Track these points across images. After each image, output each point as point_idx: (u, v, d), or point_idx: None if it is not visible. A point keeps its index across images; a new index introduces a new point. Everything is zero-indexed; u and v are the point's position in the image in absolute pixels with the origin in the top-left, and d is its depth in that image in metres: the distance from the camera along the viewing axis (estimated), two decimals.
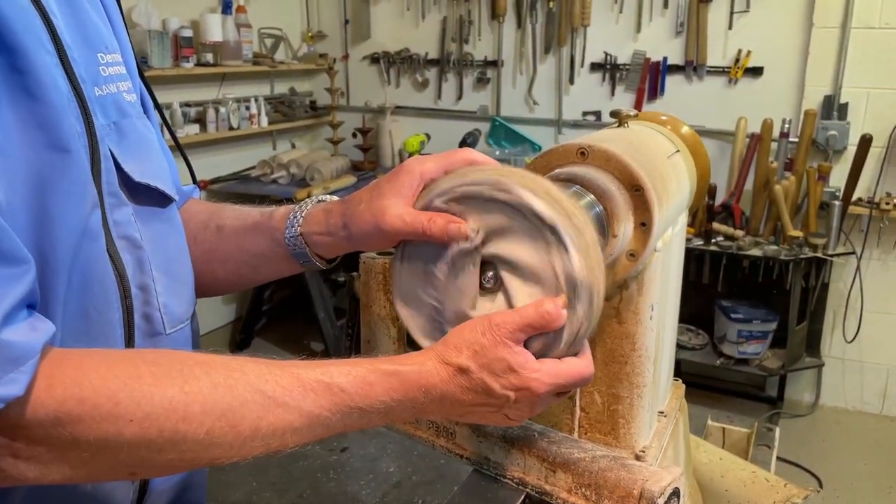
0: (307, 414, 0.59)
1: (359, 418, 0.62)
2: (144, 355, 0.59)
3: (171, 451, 0.55)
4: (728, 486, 1.11)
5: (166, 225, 0.76)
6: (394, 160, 4.26)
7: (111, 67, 0.70)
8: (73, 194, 0.61)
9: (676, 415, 0.95)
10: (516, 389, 0.63)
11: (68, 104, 0.62)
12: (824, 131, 3.25)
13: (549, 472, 0.76)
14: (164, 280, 0.73)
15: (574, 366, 0.66)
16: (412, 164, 0.73)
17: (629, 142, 0.79)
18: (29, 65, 0.58)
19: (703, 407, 3.32)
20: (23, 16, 0.59)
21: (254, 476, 1.36)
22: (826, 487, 2.90)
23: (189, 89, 3.63)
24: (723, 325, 3.39)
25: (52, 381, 0.52)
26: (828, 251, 3.15)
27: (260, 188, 3.79)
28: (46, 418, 0.51)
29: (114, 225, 0.67)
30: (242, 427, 0.57)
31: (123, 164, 0.69)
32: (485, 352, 0.63)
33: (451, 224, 0.67)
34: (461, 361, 0.63)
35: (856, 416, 3.54)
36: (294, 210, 0.81)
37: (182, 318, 0.77)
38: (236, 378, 0.58)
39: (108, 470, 0.57)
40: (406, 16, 4.16)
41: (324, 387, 0.60)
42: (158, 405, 0.54)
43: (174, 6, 3.46)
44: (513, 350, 0.63)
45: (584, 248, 0.62)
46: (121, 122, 0.70)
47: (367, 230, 0.73)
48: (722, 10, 3.44)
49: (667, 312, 0.87)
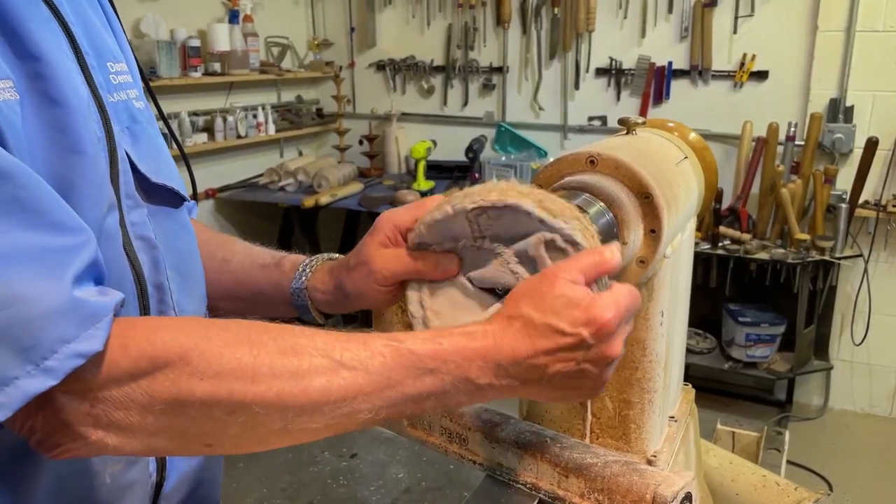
0: (377, 377, 0.58)
1: (433, 383, 0.60)
2: (214, 321, 0.60)
3: (242, 414, 0.55)
4: (739, 490, 1.11)
5: (178, 225, 0.78)
6: (400, 167, 4.27)
7: (120, 76, 0.72)
8: (92, 196, 0.62)
9: (687, 419, 0.96)
10: (586, 324, 0.60)
11: (88, 108, 0.63)
12: (830, 134, 3.25)
13: (561, 477, 0.77)
14: (178, 279, 0.75)
15: (627, 290, 0.65)
16: (384, 218, 0.76)
17: (638, 149, 0.80)
18: (52, 71, 0.59)
19: (711, 411, 3.32)
20: (45, 25, 0.61)
21: (264, 483, 1.37)
22: (836, 490, 2.89)
23: (197, 98, 3.66)
24: (731, 328, 3.39)
25: (126, 342, 0.53)
26: (835, 254, 3.15)
27: (268, 196, 3.81)
28: (123, 377, 0.52)
29: (131, 226, 0.69)
30: (312, 390, 0.56)
31: (140, 165, 0.70)
32: (544, 297, 0.61)
33: (442, 259, 0.70)
34: (523, 311, 0.62)
35: (865, 419, 3.53)
36: (304, 263, 0.85)
37: (196, 315, 0.79)
38: (304, 344, 0.58)
39: (183, 438, 0.57)
40: (411, 23, 4.18)
41: (392, 350, 0.59)
42: (227, 365, 0.54)
43: (182, 16, 3.49)
44: (572, 287, 0.61)
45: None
46: (133, 127, 0.72)
47: (361, 282, 0.77)
48: (727, 15, 3.44)
49: (676, 318, 0.88)
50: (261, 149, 4.13)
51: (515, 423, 0.84)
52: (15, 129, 0.55)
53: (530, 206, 0.63)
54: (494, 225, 0.66)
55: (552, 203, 0.63)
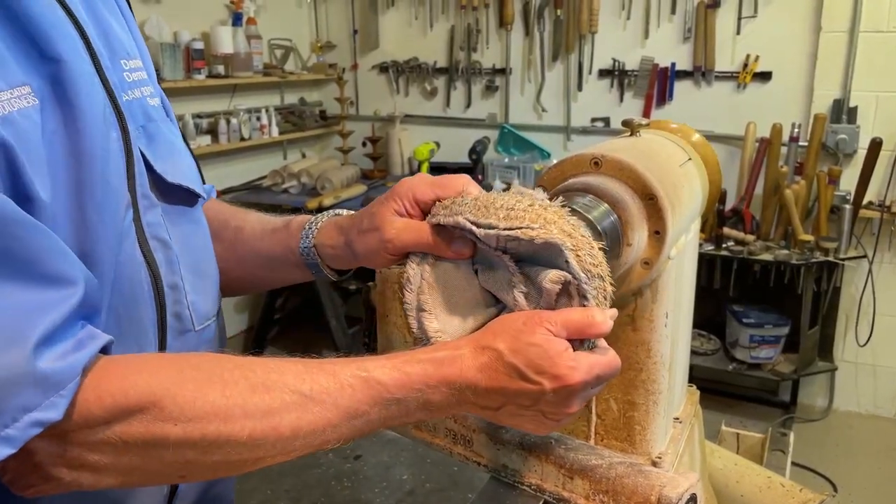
0: (345, 410, 0.60)
1: (398, 410, 0.62)
2: (189, 359, 0.61)
3: (216, 454, 0.57)
4: (743, 492, 1.11)
5: (193, 224, 0.78)
6: (403, 168, 4.27)
7: (134, 73, 0.72)
8: (109, 197, 0.62)
9: (691, 421, 0.96)
10: (551, 379, 0.62)
11: (104, 110, 0.64)
12: (834, 135, 3.24)
13: (566, 478, 0.77)
14: (192, 278, 0.75)
15: (609, 356, 0.65)
16: (404, 187, 0.76)
17: (641, 151, 0.80)
18: (70, 74, 0.60)
19: (716, 412, 3.31)
20: (60, 27, 0.61)
21: (268, 484, 1.37)
22: (840, 492, 2.88)
23: (201, 101, 3.67)
24: (735, 329, 3.39)
25: (100, 392, 0.53)
26: (839, 255, 3.14)
27: (271, 198, 3.82)
28: (97, 424, 0.53)
29: (146, 226, 0.69)
30: (283, 428, 0.58)
31: (155, 165, 0.71)
32: (521, 337, 0.62)
33: (458, 241, 0.70)
34: (496, 345, 0.63)
35: (869, 420, 3.52)
36: (310, 221, 0.84)
37: (209, 314, 0.79)
38: (274, 380, 0.59)
39: (158, 474, 0.58)
40: (414, 25, 4.18)
41: (361, 381, 0.61)
42: (200, 409, 0.55)
43: (185, 19, 3.50)
44: (550, 339, 0.62)
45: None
46: (148, 125, 0.72)
47: (371, 247, 0.76)
48: (730, 16, 3.44)
49: (681, 319, 0.88)
50: (264, 151, 4.14)
51: None
52: (29, 142, 0.55)
53: (568, 253, 0.62)
54: (520, 246, 0.66)
55: (587, 254, 0.63)
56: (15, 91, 0.55)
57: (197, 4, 3.64)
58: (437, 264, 0.72)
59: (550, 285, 0.64)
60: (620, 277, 0.73)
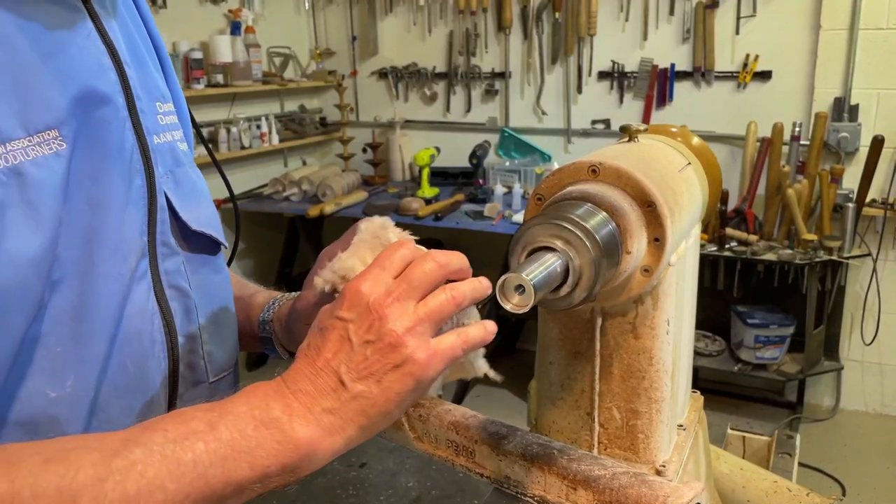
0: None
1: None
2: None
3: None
4: (750, 497, 1.10)
5: (214, 272, 0.77)
6: (404, 174, 4.28)
7: (167, 117, 0.72)
8: (117, 249, 0.61)
9: (696, 427, 0.95)
10: (340, 305, 0.55)
11: (132, 156, 0.63)
12: (835, 133, 3.24)
13: (569, 489, 0.76)
14: (210, 327, 0.74)
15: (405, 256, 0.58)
16: (323, 256, 0.75)
17: (640, 157, 0.79)
18: (103, 116, 0.59)
19: (721, 413, 3.31)
20: (102, 68, 0.61)
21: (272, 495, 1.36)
22: (849, 492, 2.86)
23: (200, 110, 3.67)
24: (739, 330, 3.37)
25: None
26: (843, 254, 3.13)
27: (273, 206, 3.82)
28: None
29: (164, 274, 0.68)
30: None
31: (181, 212, 0.70)
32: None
33: None
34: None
35: (877, 419, 3.50)
36: (275, 297, 0.86)
37: (225, 365, 0.78)
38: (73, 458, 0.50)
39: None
40: (413, 30, 4.19)
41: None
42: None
43: (184, 29, 3.50)
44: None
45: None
46: (176, 170, 0.71)
47: (302, 311, 0.77)
48: (729, 16, 3.44)
49: (683, 325, 0.87)
50: (265, 159, 4.14)
51: (522, 434, 0.84)
52: (34, 194, 0.53)
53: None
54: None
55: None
56: (35, 138, 0.54)
57: (195, 14, 3.64)
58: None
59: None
60: (620, 285, 0.72)
